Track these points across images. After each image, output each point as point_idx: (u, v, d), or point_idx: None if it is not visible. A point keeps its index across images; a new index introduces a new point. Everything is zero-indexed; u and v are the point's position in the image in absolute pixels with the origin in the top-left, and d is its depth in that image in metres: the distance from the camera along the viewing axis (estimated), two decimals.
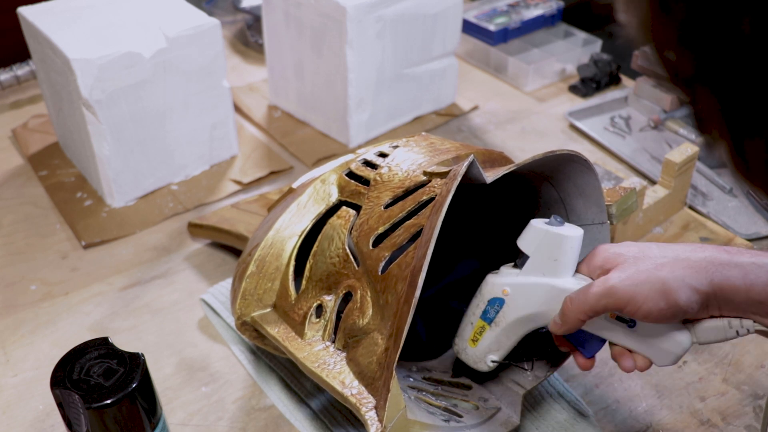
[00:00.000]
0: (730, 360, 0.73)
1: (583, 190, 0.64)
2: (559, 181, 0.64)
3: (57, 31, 0.88)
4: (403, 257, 0.54)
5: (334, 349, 0.58)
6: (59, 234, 0.91)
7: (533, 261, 0.57)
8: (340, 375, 0.55)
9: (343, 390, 0.54)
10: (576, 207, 0.66)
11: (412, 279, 0.51)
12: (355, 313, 0.56)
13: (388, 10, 0.98)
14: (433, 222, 0.51)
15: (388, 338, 0.53)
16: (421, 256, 0.51)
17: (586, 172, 0.62)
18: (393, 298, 0.53)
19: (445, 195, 0.52)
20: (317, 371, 0.56)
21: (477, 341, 0.60)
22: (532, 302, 0.57)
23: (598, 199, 0.64)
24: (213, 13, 1.31)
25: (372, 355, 0.54)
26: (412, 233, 0.55)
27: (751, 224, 0.90)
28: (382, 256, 0.56)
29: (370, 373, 0.53)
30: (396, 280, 0.53)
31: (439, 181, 0.58)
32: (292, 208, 0.66)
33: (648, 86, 1.12)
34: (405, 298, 0.51)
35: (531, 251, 0.57)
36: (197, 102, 0.95)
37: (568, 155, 0.58)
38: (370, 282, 0.56)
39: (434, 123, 1.13)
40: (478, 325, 0.59)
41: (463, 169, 0.53)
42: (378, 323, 0.54)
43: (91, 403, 0.51)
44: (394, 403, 0.51)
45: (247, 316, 0.64)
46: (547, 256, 0.56)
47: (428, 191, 0.57)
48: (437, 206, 0.52)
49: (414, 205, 0.57)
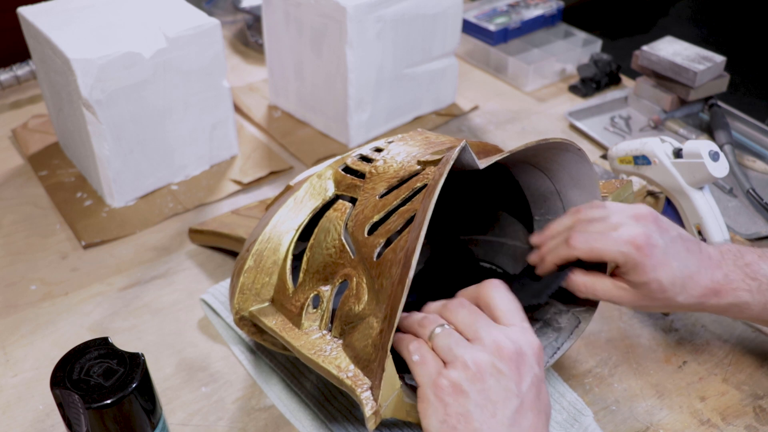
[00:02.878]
0: (730, 360, 0.73)
1: (579, 180, 0.64)
2: (554, 172, 0.64)
3: (57, 31, 0.88)
4: (397, 242, 0.54)
5: (331, 337, 0.58)
6: (59, 234, 0.91)
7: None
8: (336, 360, 0.55)
9: (339, 374, 0.54)
10: (572, 198, 0.66)
11: (406, 260, 0.51)
12: (351, 300, 0.56)
13: (388, 11, 0.98)
14: (426, 205, 0.51)
15: (382, 320, 0.53)
16: (414, 237, 0.51)
17: (581, 162, 0.62)
18: (388, 282, 0.53)
19: (437, 179, 0.52)
20: (313, 357, 0.56)
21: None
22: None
23: (594, 190, 0.65)
24: (213, 13, 1.31)
25: (367, 338, 0.54)
26: (406, 218, 0.56)
27: (751, 224, 0.90)
28: (377, 243, 0.56)
29: (365, 356, 0.54)
30: (390, 264, 0.54)
31: (432, 168, 0.58)
32: (289, 203, 0.66)
33: (648, 86, 1.12)
34: (399, 279, 0.51)
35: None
36: (197, 102, 0.95)
37: (562, 144, 0.59)
38: (365, 269, 0.57)
39: (434, 123, 1.13)
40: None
41: (455, 153, 0.53)
42: (373, 308, 0.55)
43: (91, 403, 0.51)
44: (389, 383, 0.51)
45: (245, 310, 0.64)
46: None
47: (422, 178, 0.58)
48: (430, 190, 0.53)
49: (408, 192, 0.58)
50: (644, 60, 1.10)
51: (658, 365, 0.72)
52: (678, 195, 0.76)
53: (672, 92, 1.09)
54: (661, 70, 1.08)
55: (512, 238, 0.74)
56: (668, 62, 1.06)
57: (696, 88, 1.06)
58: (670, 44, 1.09)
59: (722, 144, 1.01)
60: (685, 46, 1.08)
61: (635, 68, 1.12)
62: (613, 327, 0.77)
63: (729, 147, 1.00)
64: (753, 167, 1.00)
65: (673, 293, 0.59)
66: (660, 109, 1.11)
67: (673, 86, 1.08)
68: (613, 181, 0.69)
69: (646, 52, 1.09)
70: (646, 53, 1.09)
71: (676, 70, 1.06)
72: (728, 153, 0.99)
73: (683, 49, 1.08)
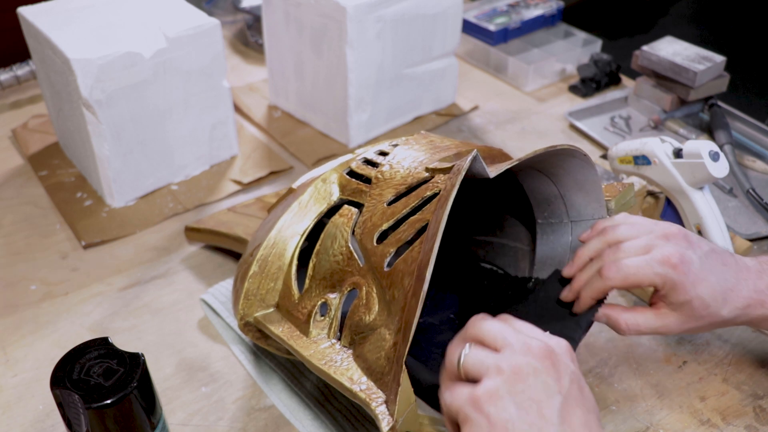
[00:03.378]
0: (730, 360, 0.73)
1: (583, 185, 0.64)
2: (559, 176, 0.64)
3: (57, 31, 0.88)
4: (409, 252, 0.54)
5: (341, 347, 0.58)
6: (59, 234, 0.91)
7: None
8: (348, 371, 0.55)
9: (351, 386, 0.54)
10: (576, 202, 0.66)
11: (420, 273, 0.51)
12: (361, 310, 0.56)
13: (388, 11, 0.98)
14: (439, 216, 0.51)
15: (396, 333, 0.53)
16: (428, 249, 0.51)
17: (586, 168, 0.62)
18: (400, 293, 0.53)
19: (450, 189, 0.52)
20: (324, 368, 0.56)
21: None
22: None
23: (598, 195, 0.65)
24: (213, 13, 1.31)
25: (380, 351, 0.54)
26: (417, 228, 0.55)
27: (751, 224, 0.90)
28: (387, 252, 0.56)
29: (378, 368, 0.53)
30: (402, 275, 0.53)
31: (441, 176, 0.58)
32: (293, 208, 0.66)
33: (648, 86, 1.12)
34: (413, 292, 0.51)
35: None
36: (197, 102, 0.95)
37: (568, 150, 0.59)
38: (375, 278, 0.56)
39: (434, 123, 1.13)
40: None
41: (467, 163, 0.53)
42: (385, 319, 0.54)
43: (91, 403, 0.51)
44: (404, 398, 0.50)
45: (250, 316, 0.64)
46: None
47: (432, 187, 0.57)
48: (442, 200, 0.52)
49: (418, 200, 0.57)
50: (644, 60, 1.10)
51: (658, 365, 0.72)
52: (678, 195, 0.76)
53: (672, 92, 1.09)
54: (661, 70, 1.08)
55: (514, 240, 0.73)
56: (668, 62, 1.06)
57: (696, 88, 1.06)
58: (670, 44, 1.09)
59: (722, 144, 1.01)
60: (685, 46, 1.08)
61: (635, 68, 1.12)
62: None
63: (729, 147, 1.00)
64: (753, 167, 1.00)
65: (716, 308, 0.58)
66: (660, 109, 1.11)
67: (673, 86, 1.08)
68: (615, 185, 0.68)
69: (646, 52, 1.09)
70: (646, 53, 1.09)
71: (676, 70, 1.06)
72: (728, 153, 0.99)
73: (683, 49, 1.08)
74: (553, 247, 0.70)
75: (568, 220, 0.68)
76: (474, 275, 0.76)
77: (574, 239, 0.68)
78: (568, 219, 0.68)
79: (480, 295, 0.74)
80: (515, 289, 0.72)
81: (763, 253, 0.86)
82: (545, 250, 0.70)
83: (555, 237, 0.69)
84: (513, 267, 0.73)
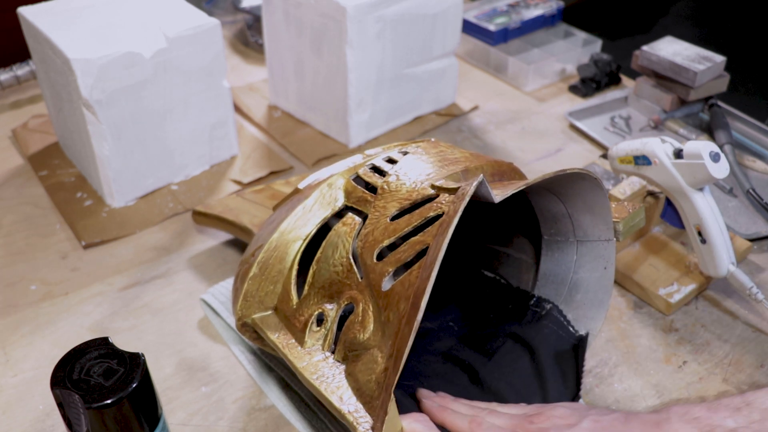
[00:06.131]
0: (730, 360, 0.73)
1: (592, 206, 0.64)
2: (568, 196, 0.64)
3: (57, 31, 0.88)
4: (407, 275, 0.53)
5: (333, 361, 0.58)
6: (59, 234, 0.91)
7: None
8: (339, 390, 0.55)
9: (340, 406, 0.54)
10: (583, 223, 0.66)
11: (415, 300, 0.50)
12: (356, 327, 0.56)
13: (388, 11, 0.98)
14: (439, 242, 0.51)
15: (388, 358, 0.53)
16: (425, 277, 0.50)
17: (596, 190, 0.62)
18: (395, 316, 0.53)
19: (452, 215, 0.52)
20: (315, 384, 0.56)
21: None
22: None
23: (606, 217, 0.64)
24: (213, 13, 1.32)
25: (371, 373, 0.54)
26: (417, 251, 0.55)
27: (751, 224, 0.90)
28: (386, 271, 0.56)
29: (368, 391, 0.53)
30: (399, 298, 0.53)
31: (446, 196, 0.57)
32: (297, 211, 0.65)
33: (648, 86, 1.12)
34: (407, 320, 0.51)
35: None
36: (197, 102, 0.95)
37: (579, 173, 0.58)
38: (372, 296, 0.56)
39: (434, 123, 1.13)
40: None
41: (471, 189, 0.52)
42: (378, 340, 0.54)
43: (91, 403, 0.51)
44: (391, 426, 0.51)
45: (248, 317, 0.64)
46: None
47: (435, 207, 0.57)
48: (444, 226, 0.52)
49: (420, 220, 0.57)
50: (644, 60, 1.10)
51: (658, 365, 0.72)
52: (678, 195, 0.76)
53: (672, 92, 1.09)
54: (661, 70, 1.08)
55: (519, 252, 0.73)
56: (668, 62, 1.06)
57: (696, 88, 1.06)
58: (670, 44, 1.09)
59: (722, 144, 1.01)
60: (685, 46, 1.08)
61: (635, 68, 1.12)
62: (613, 327, 0.77)
63: (729, 147, 1.00)
64: (753, 167, 1.00)
65: None
66: (660, 109, 1.11)
67: (673, 86, 1.08)
68: (625, 205, 0.68)
69: (646, 52, 1.09)
70: (646, 53, 1.09)
71: (676, 70, 1.06)
72: (728, 153, 0.99)
73: (683, 49, 1.08)
74: (557, 264, 0.69)
75: (575, 239, 0.68)
76: (476, 283, 0.75)
77: (579, 258, 0.68)
78: (574, 238, 0.68)
79: (481, 304, 0.74)
80: (516, 303, 0.71)
81: (763, 252, 0.86)
82: (549, 267, 0.70)
83: (560, 255, 0.69)
84: (516, 278, 0.73)
